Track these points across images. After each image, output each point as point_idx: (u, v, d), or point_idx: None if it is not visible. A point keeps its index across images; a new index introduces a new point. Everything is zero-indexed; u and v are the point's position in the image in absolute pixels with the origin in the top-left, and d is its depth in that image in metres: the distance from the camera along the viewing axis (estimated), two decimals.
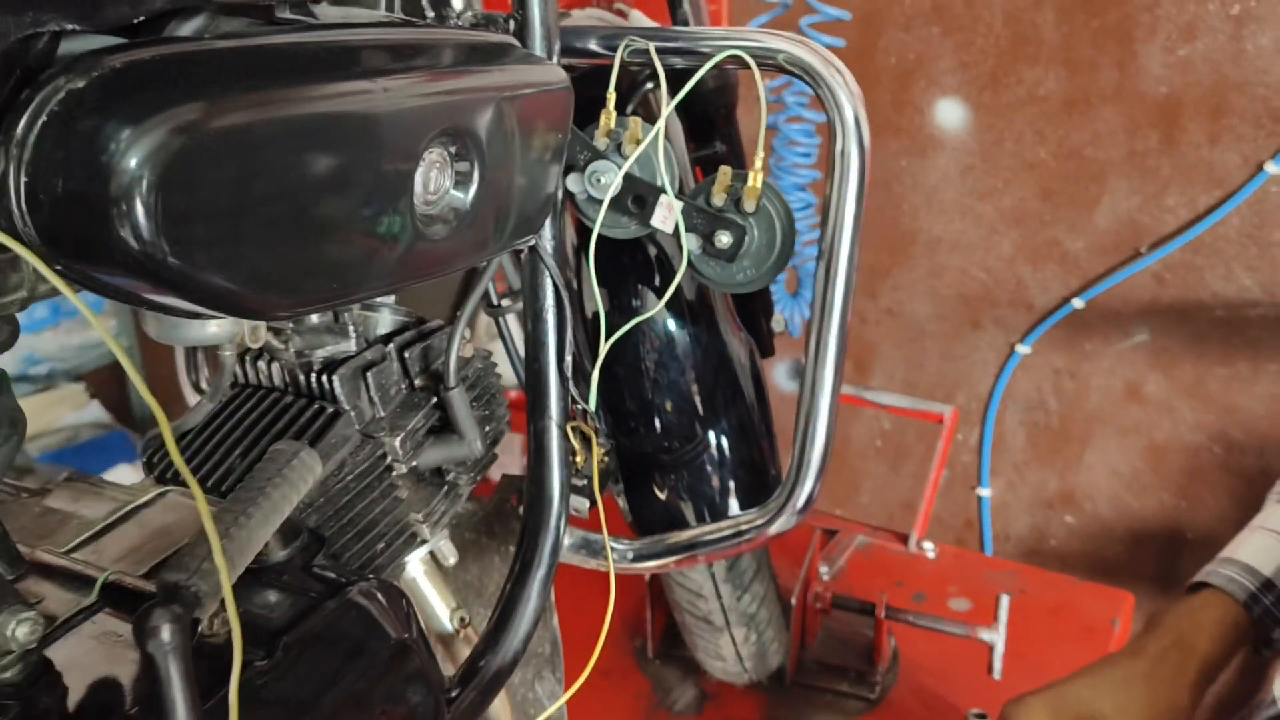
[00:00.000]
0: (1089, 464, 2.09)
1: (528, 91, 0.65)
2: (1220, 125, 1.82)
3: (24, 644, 0.50)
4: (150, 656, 0.43)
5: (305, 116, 0.50)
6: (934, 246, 2.10)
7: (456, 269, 0.65)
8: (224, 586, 0.43)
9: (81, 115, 0.44)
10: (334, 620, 0.55)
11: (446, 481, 0.76)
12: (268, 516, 0.51)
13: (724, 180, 0.77)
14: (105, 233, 0.44)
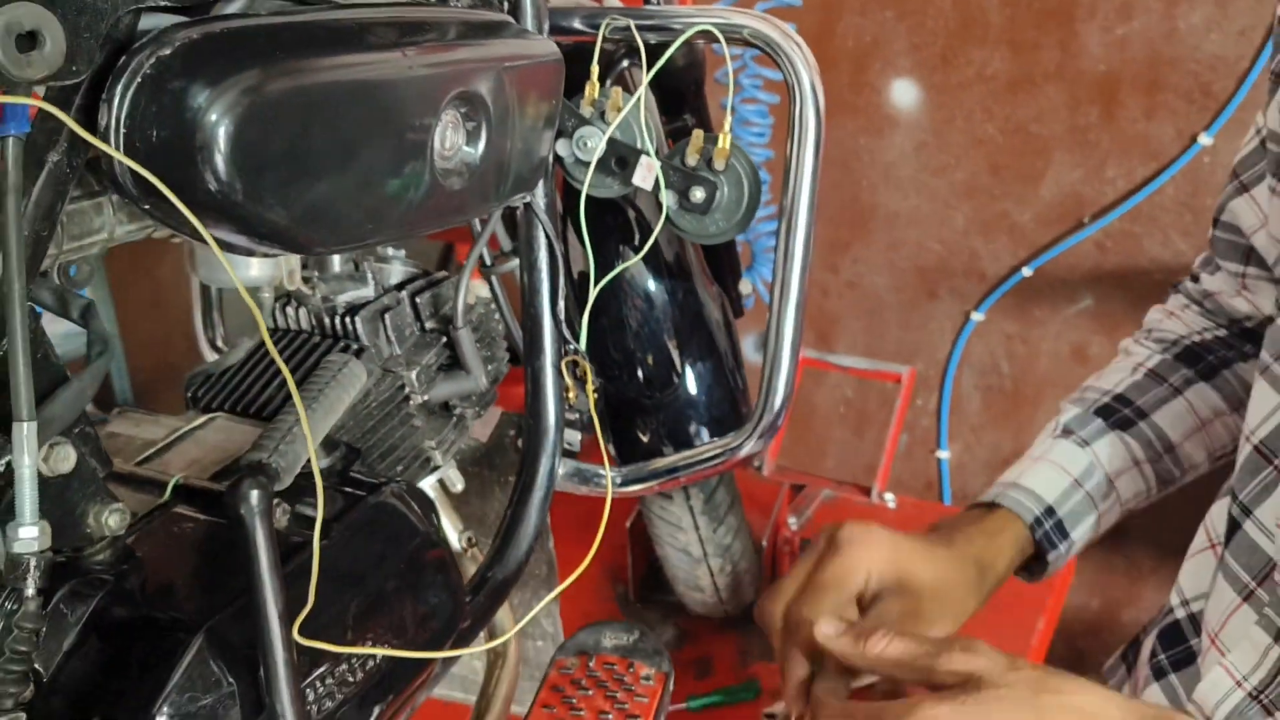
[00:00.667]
0: (1040, 424, 2.20)
1: (525, 62, 0.75)
2: (1155, 100, 1.94)
3: (114, 532, 0.58)
4: (241, 518, 0.52)
5: (347, 80, 0.59)
6: (891, 221, 2.21)
7: (467, 217, 0.75)
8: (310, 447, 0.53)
9: (170, 78, 0.53)
10: (374, 513, 0.65)
11: (455, 414, 0.86)
12: (328, 410, 0.61)
13: (696, 142, 0.87)
14: (191, 174, 0.53)
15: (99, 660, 0.56)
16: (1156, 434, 0.93)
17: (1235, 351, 0.95)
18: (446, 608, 0.73)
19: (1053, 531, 0.90)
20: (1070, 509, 0.91)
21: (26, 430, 0.50)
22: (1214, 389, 0.94)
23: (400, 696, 0.70)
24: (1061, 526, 0.91)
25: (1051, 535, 0.90)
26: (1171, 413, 0.93)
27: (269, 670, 0.54)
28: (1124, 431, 0.93)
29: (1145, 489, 0.94)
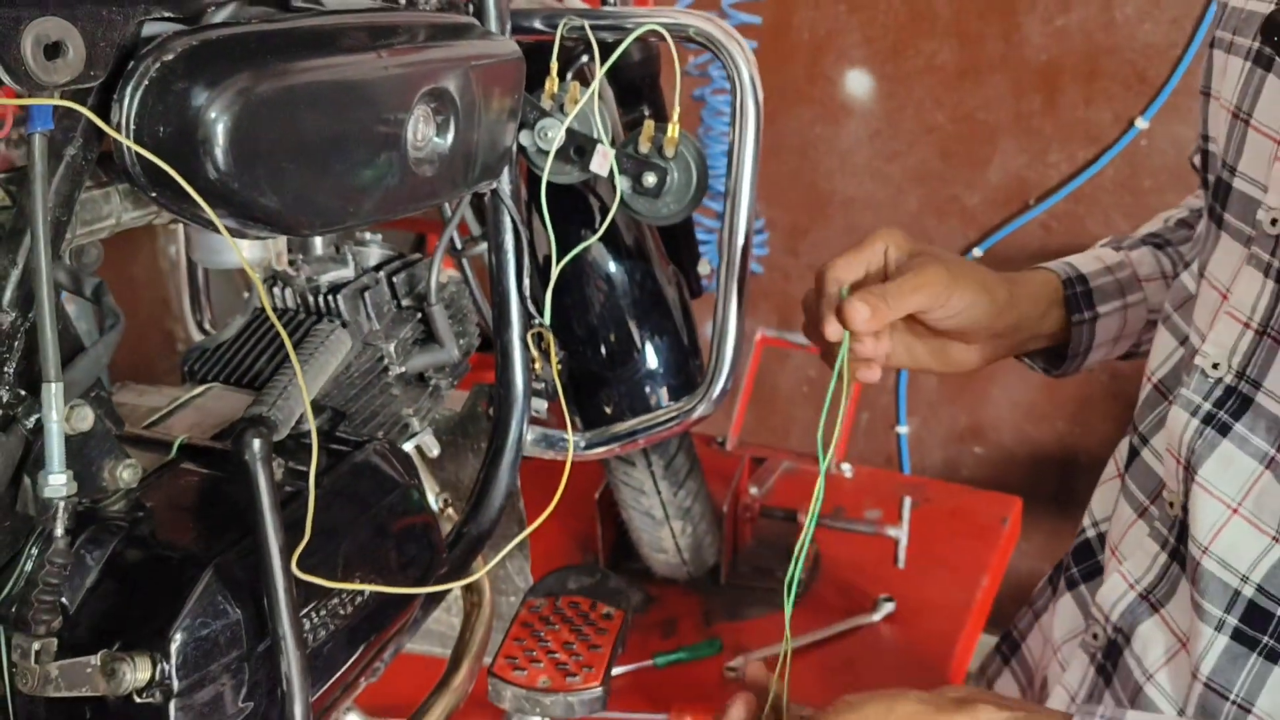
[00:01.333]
0: (993, 399, 2.31)
1: (489, 60, 0.82)
2: (1095, 87, 2.03)
3: (128, 484, 0.66)
4: (245, 464, 0.59)
5: (329, 80, 0.67)
6: (848, 206, 2.30)
7: (439, 202, 0.82)
8: (304, 401, 0.60)
9: (174, 80, 0.60)
10: (359, 467, 0.72)
11: (430, 384, 0.93)
12: (319, 371, 0.68)
13: (648, 131, 0.94)
14: (193, 164, 0.60)
15: (117, 596, 0.63)
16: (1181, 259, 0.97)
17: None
18: (426, 555, 0.81)
19: (1081, 297, 0.93)
20: (1100, 286, 0.94)
21: (55, 390, 0.57)
22: None
23: (384, 634, 0.78)
24: (1090, 296, 0.93)
25: (1079, 299, 0.93)
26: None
27: (271, 599, 0.61)
28: (1158, 249, 0.98)
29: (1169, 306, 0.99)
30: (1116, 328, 0.95)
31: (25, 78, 0.53)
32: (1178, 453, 0.76)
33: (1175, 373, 0.84)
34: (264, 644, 0.64)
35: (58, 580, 0.59)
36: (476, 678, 0.98)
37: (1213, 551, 0.73)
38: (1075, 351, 0.95)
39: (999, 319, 0.88)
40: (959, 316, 0.86)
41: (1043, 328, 0.94)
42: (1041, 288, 0.93)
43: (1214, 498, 0.72)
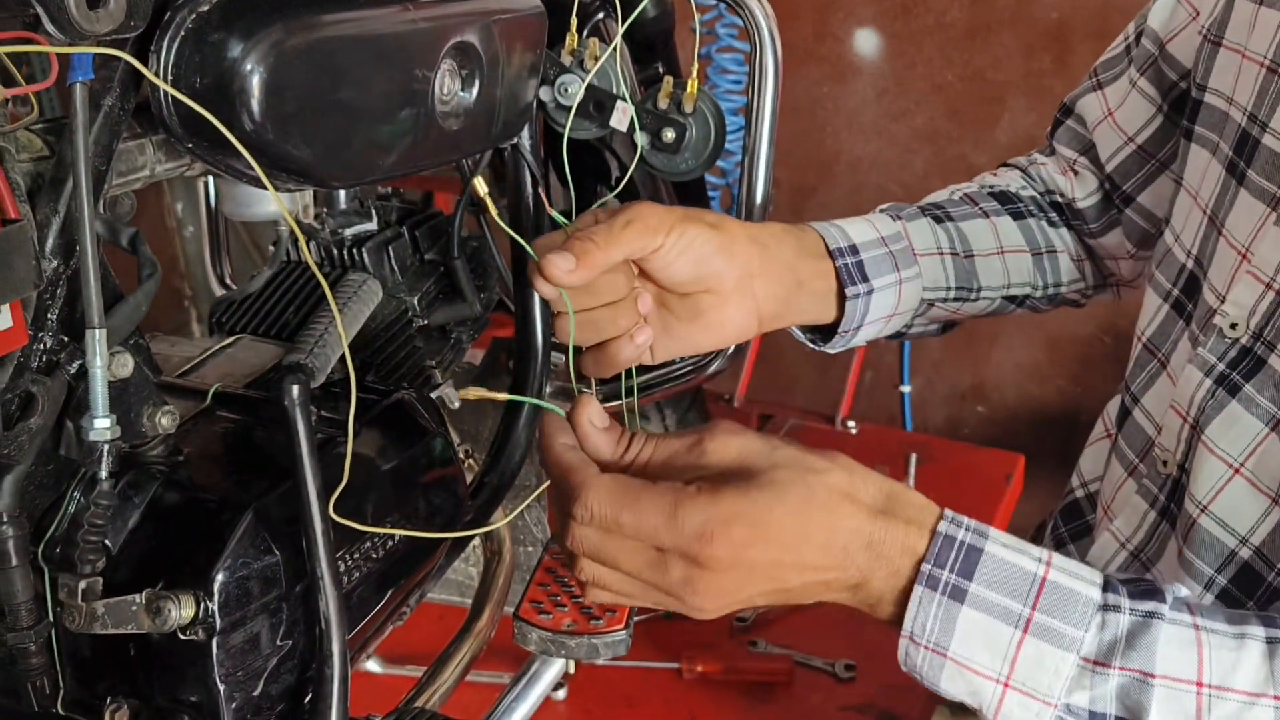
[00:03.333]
0: (996, 359, 2.32)
1: (512, 15, 0.83)
2: (1105, 46, 2.02)
3: (166, 430, 0.67)
4: (284, 409, 0.61)
5: (359, 33, 0.68)
6: (855, 166, 2.30)
7: (464, 155, 0.83)
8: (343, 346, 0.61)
9: (209, 31, 0.61)
10: (389, 413, 0.74)
11: (452, 337, 0.95)
12: (353, 319, 0.70)
13: (667, 87, 0.95)
14: (229, 115, 0.61)
15: (159, 538, 0.65)
16: (960, 237, 0.95)
17: (1043, 214, 1.00)
18: (451, 503, 0.82)
19: (853, 268, 0.86)
20: (873, 257, 0.87)
21: (98, 335, 0.59)
22: (1019, 228, 0.97)
23: (411, 579, 0.80)
24: (863, 268, 0.86)
25: (852, 270, 0.86)
26: (976, 227, 0.95)
27: (309, 540, 0.63)
28: (937, 223, 0.94)
29: (945, 285, 0.93)
30: (891, 304, 0.89)
31: (69, 26, 0.54)
32: (1185, 411, 0.77)
33: (1163, 330, 0.85)
34: (301, 585, 0.66)
35: (103, 522, 0.61)
36: (498, 624, 1.00)
37: (1212, 511, 0.74)
38: (847, 327, 0.88)
39: (734, 257, 0.79)
40: (687, 258, 0.77)
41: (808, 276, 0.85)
42: (789, 232, 0.86)
43: (1217, 457, 0.73)
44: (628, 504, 0.60)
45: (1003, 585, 0.61)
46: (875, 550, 0.62)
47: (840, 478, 0.62)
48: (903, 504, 0.63)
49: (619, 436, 0.65)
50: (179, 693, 0.63)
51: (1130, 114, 0.93)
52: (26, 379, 0.58)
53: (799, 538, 0.61)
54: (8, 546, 0.58)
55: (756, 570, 0.61)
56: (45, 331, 0.60)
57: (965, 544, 0.61)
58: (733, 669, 1.33)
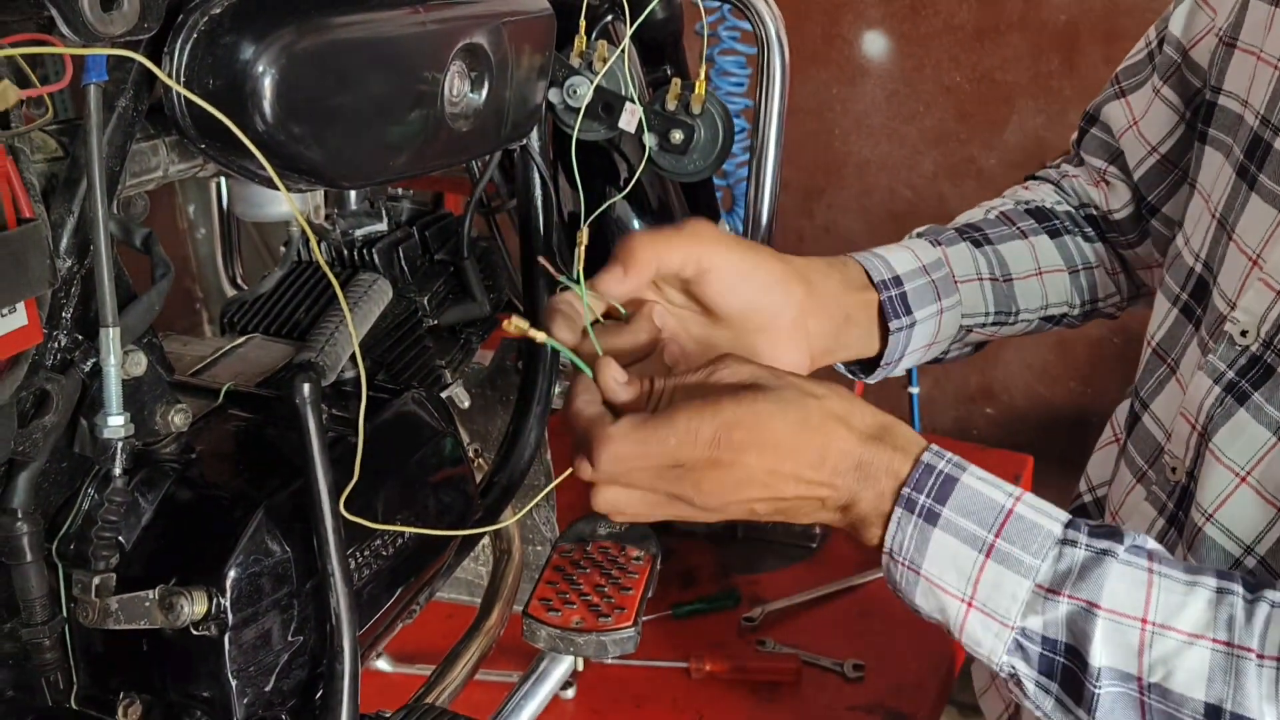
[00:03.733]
0: (1005, 360, 2.32)
1: (521, 17, 0.83)
2: (1114, 48, 2.03)
3: (179, 428, 0.68)
4: (296, 407, 0.62)
5: (369, 36, 0.68)
6: (864, 168, 2.31)
7: (473, 156, 0.84)
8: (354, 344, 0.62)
9: (221, 33, 0.62)
10: (399, 413, 0.75)
11: (461, 337, 0.95)
12: (363, 318, 0.70)
13: (675, 89, 0.96)
14: (241, 117, 0.62)
15: (172, 534, 0.65)
16: (999, 260, 0.95)
17: (1079, 229, 0.99)
18: (460, 502, 0.83)
19: (898, 301, 0.86)
20: (916, 288, 0.87)
21: (112, 334, 0.59)
22: (1055, 247, 0.97)
23: (421, 577, 0.80)
24: (906, 300, 0.86)
25: (896, 303, 0.86)
26: (1014, 249, 0.95)
27: (320, 537, 0.64)
28: (975, 246, 0.94)
29: (984, 310, 0.93)
30: (931, 333, 0.89)
31: (83, 28, 0.55)
32: (1194, 418, 0.77)
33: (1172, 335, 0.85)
34: (312, 581, 0.66)
35: (116, 518, 0.62)
36: (507, 623, 1.00)
37: (1217, 519, 0.74)
38: (890, 360, 0.88)
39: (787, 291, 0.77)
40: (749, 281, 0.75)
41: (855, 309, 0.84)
42: (843, 268, 0.85)
43: (1224, 465, 0.73)
44: (649, 436, 0.65)
45: (972, 513, 0.65)
46: (863, 471, 0.66)
47: (836, 404, 0.67)
48: (894, 434, 0.67)
49: (641, 383, 0.69)
50: (191, 688, 0.64)
51: (1154, 123, 0.92)
52: (41, 377, 0.59)
53: (793, 450, 0.65)
54: (22, 542, 0.59)
55: (755, 474, 0.66)
56: (60, 330, 0.61)
57: (943, 473, 0.66)
58: (741, 668, 1.34)
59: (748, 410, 0.65)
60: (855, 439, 0.66)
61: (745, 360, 0.69)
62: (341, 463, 0.67)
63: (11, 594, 0.61)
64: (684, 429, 0.64)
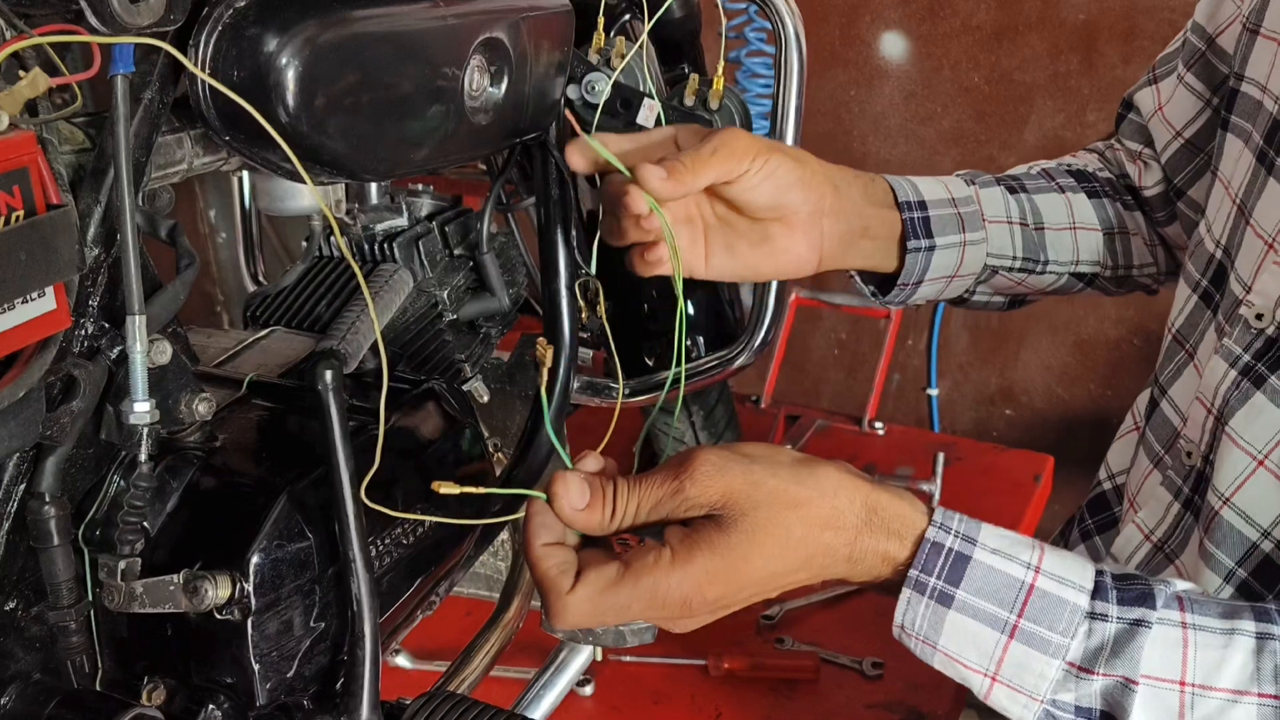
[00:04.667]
0: (1024, 361, 2.32)
1: (539, 13, 0.84)
2: (1133, 47, 2.02)
3: (204, 417, 0.69)
4: (318, 393, 0.62)
5: (389, 28, 0.69)
6: (882, 168, 2.27)
7: (492, 150, 0.85)
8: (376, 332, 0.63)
9: (246, 26, 0.62)
10: (420, 402, 0.75)
11: (481, 332, 0.96)
12: (384, 308, 0.71)
13: (693, 85, 0.96)
14: (266, 108, 0.63)
15: (197, 521, 0.66)
16: (1032, 209, 0.96)
17: (1118, 195, 1.00)
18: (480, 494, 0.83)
19: (919, 223, 0.87)
20: (940, 216, 0.88)
21: (138, 322, 0.60)
22: (1092, 206, 0.98)
23: (440, 568, 0.81)
24: (928, 223, 0.88)
25: (917, 224, 0.87)
26: (1050, 201, 0.97)
27: (342, 523, 0.65)
28: (1010, 192, 0.96)
29: (1011, 253, 0.94)
30: (953, 265, 0.90)
31: (110, 19, 0.56)
32: (1210, 402, 0.77)
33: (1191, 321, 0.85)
34: (334, 568, 0.67)
35: (142, 503, 0.62)
36: (525, 617, 1.01)
37: (1234, 503, 0.74)
38: (906, 281, 0.89)
39: (813, 191, 0.81)
40: (766, 185, 0.78)
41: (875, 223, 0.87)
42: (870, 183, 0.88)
43: (1240, 449, 0.73)
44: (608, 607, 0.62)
45: (990, 593, 0.62)
46: (854, 563, 0.64)
47: (822, 510, 0.63)
48: (886, 516, 0.64)
49: (602, 505, 0.65)
50: (215, 673, 0.65)
51: (1178, 108, 0.93)
52: (69, 363, 0.60)
53: (776, 572, 0.63)
54: (50, 526, 0.60)
55: (736, 604, 0.65)
56: (86, 318, 0.62)
57: (953, 551, 0.62)
58: (759, 666, 1.34)
59: (719, 560, 0.61)
60: (844, 538, 0.63)
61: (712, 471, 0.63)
62: (363, 451, 0.68)
63: (39, 577, 0.61)
64: (648, 596, 0.61)
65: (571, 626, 0.64)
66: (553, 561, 0.64)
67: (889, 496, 0.65)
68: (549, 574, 0.64)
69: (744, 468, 0.63)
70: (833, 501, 0.63)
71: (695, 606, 0.63)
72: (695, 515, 0.63)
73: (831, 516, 0.63)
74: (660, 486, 0.64)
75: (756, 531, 0.62)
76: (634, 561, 0.62)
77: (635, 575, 0.62)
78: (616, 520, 0.65)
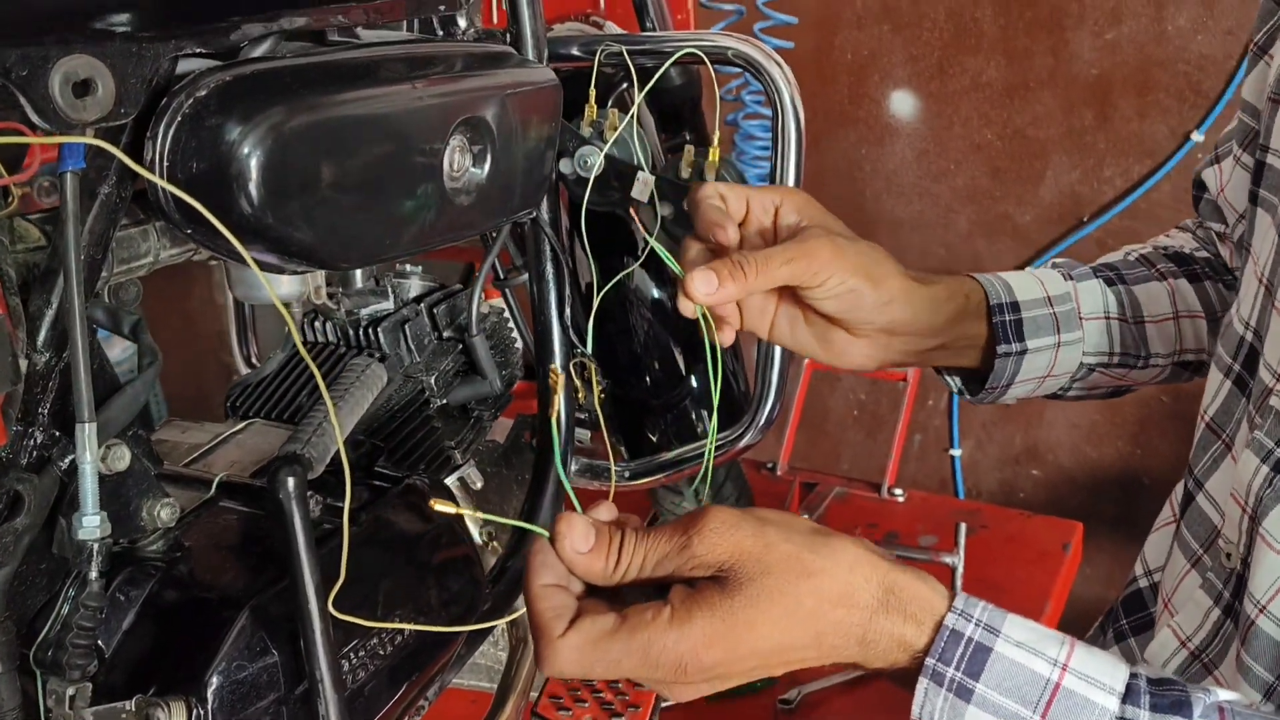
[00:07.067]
0: (1050, 420, 2.25)
1: (525, 89, 0.81)
2: (1148, 100, 1.99)
3: (166, 524, 0.65)
4: (279, 502, 0.58)
5: (361, 112, 0.66)
6: (896, 228, 2.27)
7: (478, 231, 0.81)
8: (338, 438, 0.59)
9: (206, 116, 0.60)
10: (398, 502, 0.71)
11: (473, 416, 0.92)
12: (354, 406, 0.67)
13: (688, 156, 0.93)
14: (227, 200, 0.60)
15: (155, 638, 0.62)
16: (1132, 302, 0.92)
17: (1218, 276, 0.96)
18: (468, 592, 0.79)
19: (1011, 326, 0.85)
20: (1034, 318, 0.86)
21: (88, 430, 0.57)
22: (1194, 291, 0.93)
23: (426, 672, 0.76)
24: (1020, 326, 0.85)
25: (1009, 329, 0.85)
26: (1150, 291, 0.93)
27: (307, 640, 0.60)
28: (1108, 285, 0.92)
29: (1108, 350, 0.91)
30: (1045, 366, 0.88)
31: (54, 116, 0.53)
32: (1243, 500, 0.71)
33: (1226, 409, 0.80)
34: (302, 686, 0.62)
35: (91, 624, 0.58)
36: (523, 715, 0.96)
37: (1271, 611, 0.68)
38: (995, 384, 0.87)
39: (883, 313, 0.79)
40: (836, 301, 0.76)
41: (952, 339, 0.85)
42: (953, 296, 0.85)
43: (1275, 552, 0.68)
44: (598, 659, 0.58)
45: (1012, 690, 0.57)
46: (868, 645, 0.59)
47: (836, 584, 0.59)
48: (904, 598, 0.60)
49: (607, 552, 0.61)
50: None
51: (1237, 189, 0.89)
52: (12, 477, 0.56)
53: (781, 645, 0.59)
54: None
55: (735, 676, 0.59)
56: (36, 426, 0.58)
57: (974, 641, 0.58)
58: None
59: (721, 623, 0.57)
60: (857, 617, 0.59)
61: (722, 529, 0.59)
62: (333, 557, 0.64)
63: None
64: (640, 654, 0.57)
65: (559, 673, 0.60)
66: (549, 603, 0.60)
67: (909, 578, 0.61)
68: (544, 615, 0.60)
69: (756, 529, 0.59)
70: (848, 576, 0.59)
71: (690, 671, 0.57)
72: (700, 575, 0.59)
73: (846, 592, 0.59)
74: (668, 541, 0.60)
75: (763, 598, 0.58)
76: (631, 616, 0.58)
77: (630, 630, 0.58)
78: (620, 571, 0.61)
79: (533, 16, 0.89)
